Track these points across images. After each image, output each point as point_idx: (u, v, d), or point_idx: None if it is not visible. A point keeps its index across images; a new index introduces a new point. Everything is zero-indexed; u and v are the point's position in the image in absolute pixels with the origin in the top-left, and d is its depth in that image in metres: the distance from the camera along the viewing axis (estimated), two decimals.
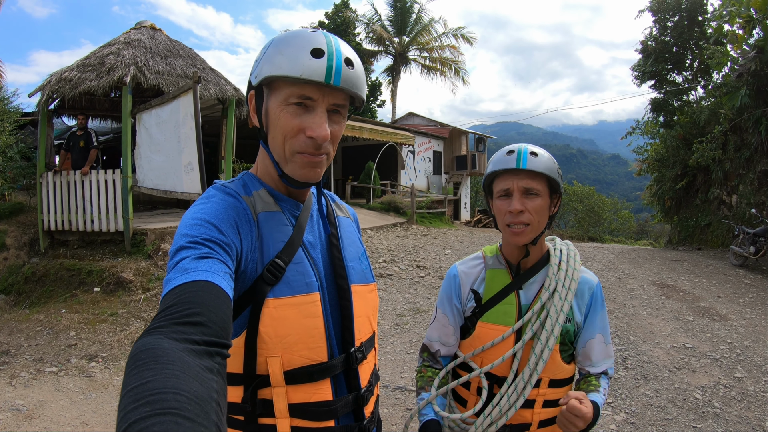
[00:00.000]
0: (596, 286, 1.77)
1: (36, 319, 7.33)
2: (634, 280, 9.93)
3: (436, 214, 19.96)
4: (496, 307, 1.73)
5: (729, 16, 13.00)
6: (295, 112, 1.14)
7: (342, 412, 1.22)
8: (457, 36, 34.41)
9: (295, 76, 1.10)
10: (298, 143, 1.15)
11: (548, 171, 1.64)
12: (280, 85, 1.15)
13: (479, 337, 1.74)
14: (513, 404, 1.63)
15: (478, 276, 1.82)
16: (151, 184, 9.03)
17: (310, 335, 1.16)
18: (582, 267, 1.79)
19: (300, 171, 1.18)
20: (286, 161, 1.18)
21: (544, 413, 1.69)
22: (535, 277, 1.75)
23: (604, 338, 1.73)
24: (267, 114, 1.18)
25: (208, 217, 1.08)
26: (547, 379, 1.67)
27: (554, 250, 1.79)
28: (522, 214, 1.64)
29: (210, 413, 0.65)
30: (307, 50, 1.11)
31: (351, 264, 1.33)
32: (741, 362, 5.83)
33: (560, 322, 1.64)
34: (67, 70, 9.47)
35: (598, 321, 1.74)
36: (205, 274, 0.92)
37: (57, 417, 4.78)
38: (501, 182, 1.70)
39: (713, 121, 14.79)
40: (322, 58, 1.11)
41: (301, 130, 1.14)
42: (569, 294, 1.68)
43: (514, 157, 1.65)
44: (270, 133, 1.19)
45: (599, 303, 1.76)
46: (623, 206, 35.56)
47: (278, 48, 1.14)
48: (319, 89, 1.13)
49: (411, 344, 6.40)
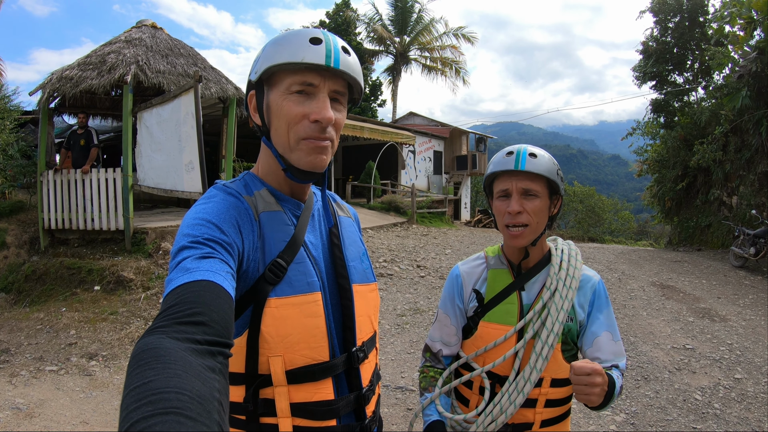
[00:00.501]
0: (598, 283, 1.77)
1: (36, 318, 7.33)
2: (635, 280, 9.94)
3: (437, 214, 19.96)
4: (498, 307, 1.74)
5: (730, 17, 13.02)
6: (297, 100, 1.15)
7: (343, 411, 1.22)
8: (458, 36, 34.44)
9: (297, 61, 1.13)
10: (302, 129, 1.16)
11: (547, 173, 1.64)
12: (280, 77, 1.17)
13: (482, 337, 1.74)
14: (513, 402, 1.63)
15: (480, 276, 1.82)
16: (151, 182, 9.03)
17: (311, 335, 1.16)
18: (584, 266, 1.79)
19: (306, 158, 1.18)
20: (291, 149, 1.18)
21: (546, 413, 1.69)
22: (537, 276, 1.75)
23: (613, 336, 1.71)
24: (268, 108, 1.19)
25: (209, 216, 1.08)
26: (549, 379, 1.67)
27: (556, 250, 1.79)
28: (520, 215, 1.64)
29: (212, 413, 0.65)
30: (306, 39, 1.15)
31: (352, 263, 1.33)
32: (741, 363, 5.84)
33: (561, 320, 1.64)
34: (68, 69, 9.46)
35: (604, 318, 1.72)
36: (207, 274, 0.92)
37: (57, 416, 4.78)
38: (500, 183, 1.71)
39: (714, 122, 14.80)
40: (321, 44, 1.15)
41: (305, 116, 1.15)
42: (570, 292, 1.68)
43: (513, 159, 1.66)
44: (273, 126, 1.19)
45: (603, 300, 1.75)
46: (623, 207, 35.62)
47: (277, 43, 1.17)
48: (319, 74, 1.16)
49: (411, 344, 6.40)
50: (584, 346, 1.73)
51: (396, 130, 22.93)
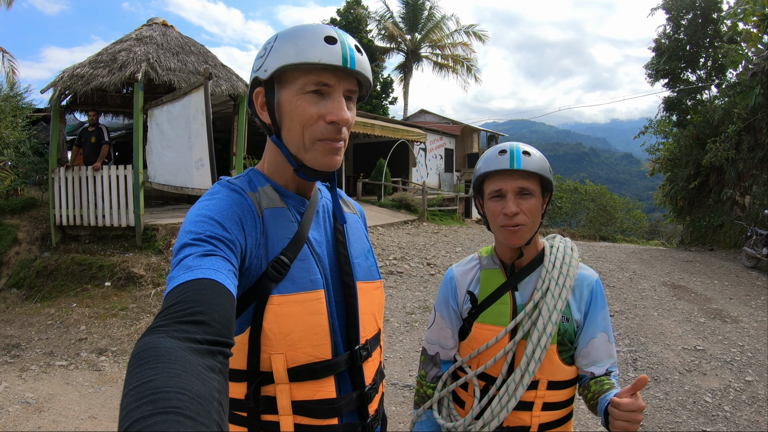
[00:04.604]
0: (595, 282, 1.72)
1: (47, 313, 7.40)
2: (646, 280, 9.88)
3: (448, 212, 19.93)
4: (491, 308, 1.71)
5: (743, 14, 12.89)
6: (312, 100, 1.14)
7: (346, 409, 1.21)
8: (469, 33, 34.37)
9: (314, 62, 1.11)
10: (318, 130, 1.15)
11: (541, 170, 1.62)
12: (293, 76, 1.15)
13: (475, 338, 1.72)
14: (504, 407, 1.61)
15: (474, 277, 1.80)
16: (162, 179, 9.07)
17: (314, 332, 1.16)
18: (581, 264, 1.76)
19: (322, 159, 1.17)
20: (306, 150, 1.17)
21: (544, 416, 1.66)
22: (530, 276, 1.72)
23: (608, 337, 1.68)
24: (280, 107, 1.18)
25: (212, 213, 1.08)
26: (545, 381, 1.64)
27: (550, 248, 1.76)
28: (517, 216, 1.61)
29: (212, 412, 0.65)
30: (321, 38, 1.13)
31: (357, 261, 1.32)
32: (752, 365, 5.78)
33: (555, 321, 1.60)
34: (79, 67, 9.52)
35: (600, 319, 1.68)
36: (209, 272, 0.92)
37: (66, 410, 4.82)
38: (493, 183, 1.66)
39: (727, 121, 14.66)
40: (336, 44, 1.13)
41: (321, 116, 1.14)
42: (564, 292, 1.64)
43: (507, 157, 1.62)
44: (285, 126, 1.18)
45: (599, 300, 1.71)
46: (635, 206, 35.42)
47: (288, 39, 1.14)
48: (335, 75, 1.15)
49: (420, 342, 6.40)
50: (579, 347, 1.69)
51: (407, 127, 22.92)
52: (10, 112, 12.39)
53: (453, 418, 1.77)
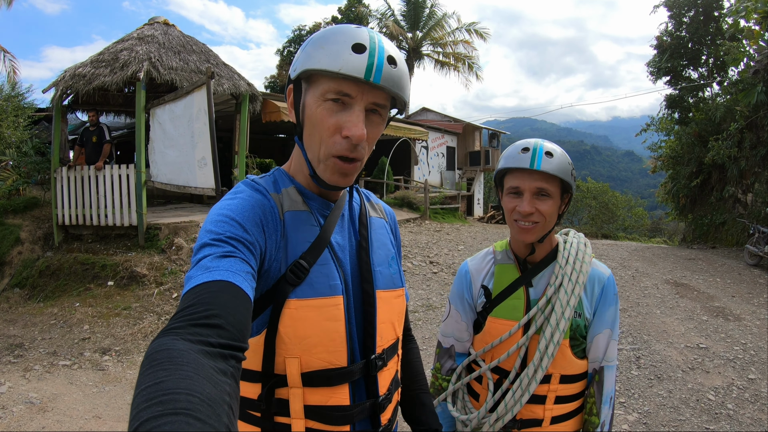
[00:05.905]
0: (607, 279, 1.72)
1: (50, 313, 7.41)
2: (648, 278, 9.88)
3: (450, 210, 19.92)
4: (505, 302, 1.72)
5: (745, 11, 12.87)
6: (331, 109, 1.10)
7: (358, 417, 1.20)
8: (471, 31, 34.23)
9: (333, 71, 1.06)
10: (333, 146, 1.11)
11: (561, 173, 1.60)
12: (318, 80, 1.12)
13: (489, 332, 1.73)
14: (518, 401, 1.62)
15: (488, 272, 1.81)
16: (164, 179, 9.08)
17: (330, 338, 1.14)
18: (594, 260, 1.75)
19: (330, 176, 1.15)
20: (319, 161, 1.15)
21: (556, 409, 1.67)
22: (544, 271, 1.72)
23: (612, 333, 1.68)
24: (304, 109, 1.16)
25: (233, 214, 1.07)
26: (558, 375, 1.65)
27: (564, 244, 1.75)
28: (531, 215, 1.61)
29: (221, 415, 0.65)
30: (349, 45, 1.07)
31: (378, 269, 1.29)
32: (755, 363, 5.78)
33: (567, 316, 1.61)
34: (80, 66, 9.52)
35: (608, 316, 1.68)
36: (226, 274, 0.92)
37: (70, 410, 4.83)
38: (512, 179, 1.66)
39: (729, 118, 14.66)
40: (364, 53, 1.07)
41: (338, 129, 1.10)
42: (576, 288, 1.64)
43: (528, 156, 1.61)
44: (306, 130, 1.16)
45: (610, 297, 1.70)
46: (637, 203, 35.41)
47: (319, 42, 1.11)
48: (357, 86, 1.09)
49: (424, 340, 6.40)
50: (588, 342, 1.70)
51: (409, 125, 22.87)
52: (11, 112, 12.41)
53: (468, 411, 1.78)
